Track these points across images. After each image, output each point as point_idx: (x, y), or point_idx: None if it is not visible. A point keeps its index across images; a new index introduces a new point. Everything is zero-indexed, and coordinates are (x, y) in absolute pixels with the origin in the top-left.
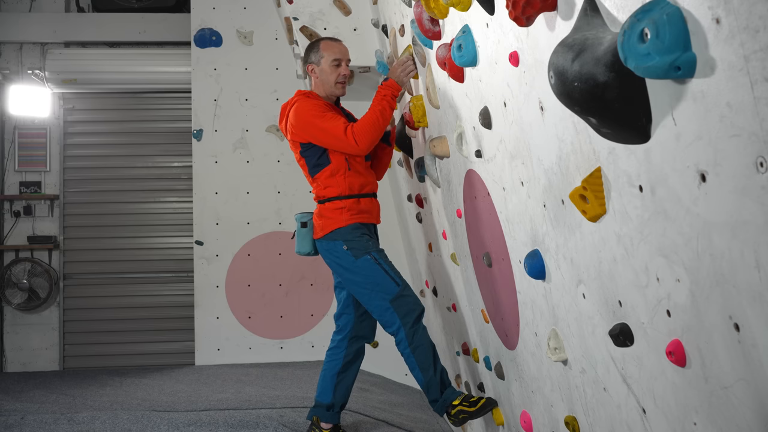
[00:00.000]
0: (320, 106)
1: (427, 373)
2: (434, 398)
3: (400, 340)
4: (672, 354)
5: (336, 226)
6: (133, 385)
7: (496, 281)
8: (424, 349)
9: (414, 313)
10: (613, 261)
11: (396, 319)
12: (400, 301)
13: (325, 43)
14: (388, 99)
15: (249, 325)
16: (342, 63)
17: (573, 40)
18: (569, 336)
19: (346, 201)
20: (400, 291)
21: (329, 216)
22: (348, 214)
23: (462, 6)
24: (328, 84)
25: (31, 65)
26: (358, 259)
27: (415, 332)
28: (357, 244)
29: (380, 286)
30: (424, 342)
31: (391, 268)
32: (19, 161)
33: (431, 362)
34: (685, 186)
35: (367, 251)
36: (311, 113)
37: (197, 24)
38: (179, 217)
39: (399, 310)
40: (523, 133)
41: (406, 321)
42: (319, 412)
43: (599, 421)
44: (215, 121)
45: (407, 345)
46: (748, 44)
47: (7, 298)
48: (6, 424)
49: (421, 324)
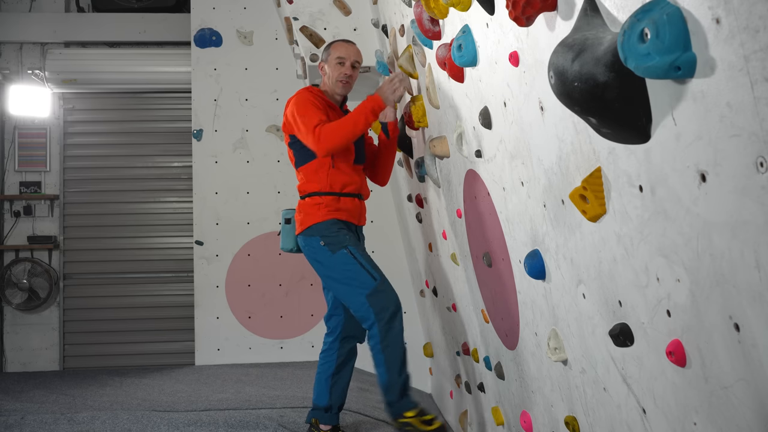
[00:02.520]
0: (312, 101)
1: (392, 374)
2: (391, 400)
3: (372, 336)
4: (672, 354)
5: (313, 221)
6: (133, 385)
7: (496, 281)
8: (395, 350)
9: (389, 310)
10: (613, 261)
11: (371, 314)
12: (376, 296)
13: (337, 43)
14: (366, 112)
15: (249, 325)
16: (346, 62)
17: (573, 40)
18: (569, 336)
19: (324, 197)
20: (377, 285)
21: (307, 211)
22: (325, 210)
23: (462, 6)
24: (331, 81)
25: (31, 65)
26: (335, 254)
27: (389, 330)
28: (333, 239)
29: (357, 281)
30: (397, 342)
31: (368, 262)
32: (19, 161)
33: (399, 365)
34: (685, 186)
35: (343, 245)
36: (298, 104)
37: (197, 24)
38: (179, 217)
39: (374, 305)
40: (523, 133)
41: (380, 317)
42: (317, 415)
43: (599, 421)
44: (215, 121)
45: (378, 341)
46: (748, 44)
47: (7, 298)
48: (6, 424)
49: (397, 323)
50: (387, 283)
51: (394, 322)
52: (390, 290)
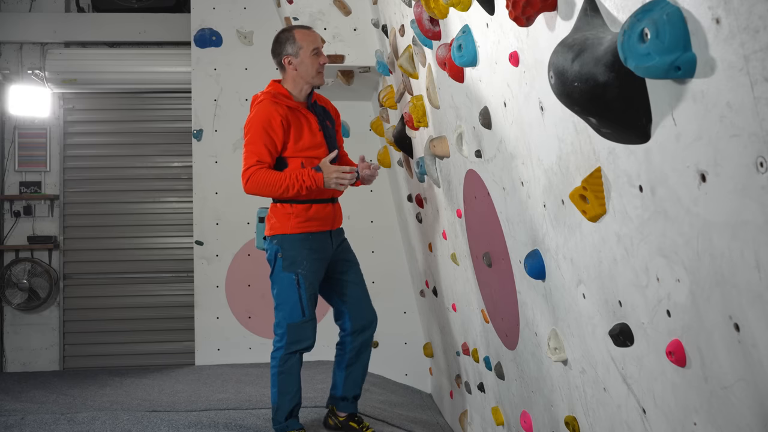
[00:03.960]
0: (265, 126)
1: (283, 398)
2: (278, 420)
3: (275, 357)
4: (672, 354)
5: (281, 232)
6: (133, 385)
7: (496, 281)
8: (291, 378)
9: (300, 345)
10: (613, 261)
11: (284, 340)
12: (296, 329)
13: (301, 32)
14: (305, 186)
15: (249, 325)
16: (320, 50)
17: (573, 40)
18: (569, 336)
19: (295, 207)
20: (301, 322)
21: (277, 219)
22: (295, 221)
23: (462, 6)
24: (308, 75)
25: (31, 65)
26: (284, 272)
27: (289, 359)
28: (291, 258)
29: (288, 306)
30: (294, 372)
31: (308, 296)
32: (19, 161)
33: (291, 392)
34: (685, 186)
35: (295, 270)
36: (252, 125)
37: (197, 24)
38: (179, 217)
39: (291, 335)
40: (523, 133)
41: (289, 348)
42: (333, 402)
43: (599, 421)
44: (215, 121)
45: (277, 365)
46: (748, 44)
47: (7, 298)
48: (6, 424)
49: (299, 356)
50: (312, 323)
51: (297, 355)
52: (310, 330)
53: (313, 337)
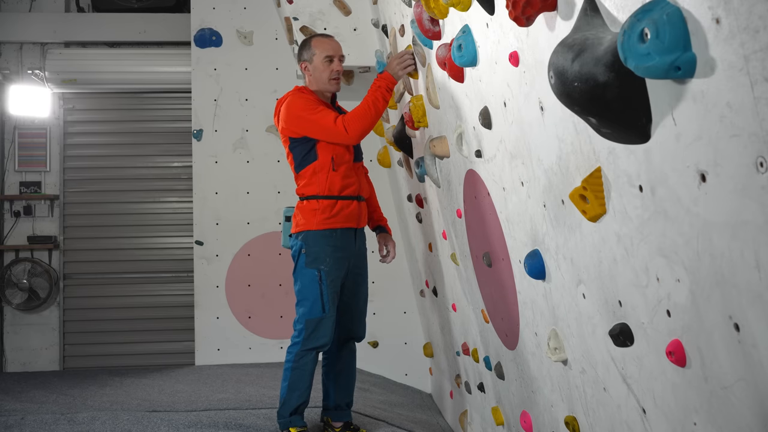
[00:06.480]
0: (312, 101)
1: (292, 393)
2: (283, 414)
3: (291, 351)
4: (672, 354)
5: (307, 228)
6: (133, 385)
7: (496, 281)
8: (303, 375)
9: (317, 342)
10: (613, 261)
11: (302, 335)
12: (314, 325)
13: (317, 40)
14: (382, 90)
15: (249, 325)
16: (334, 59)
17: (573, 40)
18: (569, 336)
19: (322, 202)
20: (321, 318)
21: (303, 216)
22: (321, 217)
23: (462, 6)
24: (321, 81)
25: (31, 65)
26: (307, 268)
27: (304, 356)
28: (315, 254)
29: (308, 302)
30: (307, 370)
31: (329, 293)
32: (19, 161)
33: (301, 389)
34: (685, 186)
35: (318, 265)
36: (301, 107)
37: (197, 24)
38: (179, 217)
39: (308, 330)
40: (523, 133)
41: (306, 343)
42: (328, 413)
43: (599, 421)
44: (215, 121)
45: (292, 360)
46: (748, 44)
47: (7, 298)
48: (6, 424)
49: (315, 355)
50: (331, 320)
51: (313, 353)
52: (329, 328)
53: (330, 335)
